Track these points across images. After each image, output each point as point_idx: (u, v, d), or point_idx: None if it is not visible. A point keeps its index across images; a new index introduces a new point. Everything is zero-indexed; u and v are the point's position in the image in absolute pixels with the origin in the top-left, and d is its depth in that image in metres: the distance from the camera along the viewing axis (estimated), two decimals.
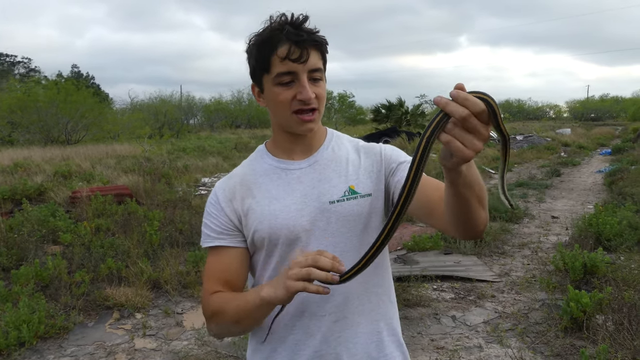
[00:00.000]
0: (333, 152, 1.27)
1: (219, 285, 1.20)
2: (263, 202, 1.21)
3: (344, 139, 1.33)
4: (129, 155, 16.00)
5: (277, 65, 1.11)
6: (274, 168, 1.25)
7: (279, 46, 1.10)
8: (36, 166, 12.33)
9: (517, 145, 21.99)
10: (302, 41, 1.10)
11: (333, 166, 1.24)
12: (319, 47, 1.14)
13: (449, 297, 4.65)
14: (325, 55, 1.18)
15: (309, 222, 1.19)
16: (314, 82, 1.15)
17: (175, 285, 4.74)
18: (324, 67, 1.18)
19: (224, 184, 1.27)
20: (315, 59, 1.13)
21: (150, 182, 9.82)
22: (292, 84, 1.13)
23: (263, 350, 1.25)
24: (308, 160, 1.24)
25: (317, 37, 1.13)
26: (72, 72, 51.65)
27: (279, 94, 1.14)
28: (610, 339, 3.42)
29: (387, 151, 1.28)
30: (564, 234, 6.86)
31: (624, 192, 8.85)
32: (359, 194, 1.21)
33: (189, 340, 3.86)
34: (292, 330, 1.21)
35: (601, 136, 28.90)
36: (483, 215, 1.06)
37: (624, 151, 17.90)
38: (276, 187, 1.22)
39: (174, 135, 28.80)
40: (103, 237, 5.81)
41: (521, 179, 12.24)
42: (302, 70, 1.12)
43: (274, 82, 1.14)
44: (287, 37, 1.09)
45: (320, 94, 1.16)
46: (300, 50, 1.10)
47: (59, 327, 3.90)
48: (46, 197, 8.54)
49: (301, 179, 1.23)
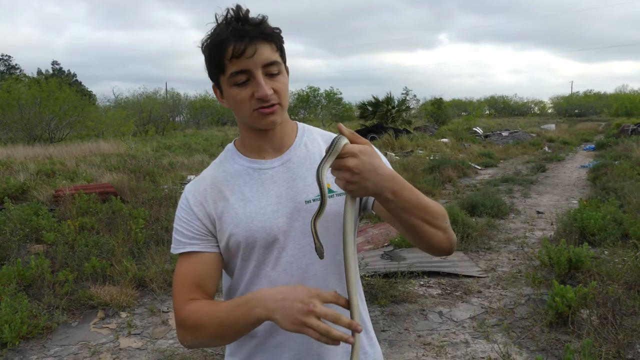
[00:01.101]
0: (306, 148, 1.23)
1: (192, 292, 1.14)
2: (237, 204, 1.17)
3: (315, 133, 1.28)
4: (113, 153, 15.83)
5: (229, 65, 1.07)
6: (245, 168, 1.21)
7: (227, 46, 1.05)
8: (19, 164, 12.14)
9: (503, 141, 22.18)
10: (247, 36, 1.04)
11: (307, 164, 1.20)
12: (270, 39, 1.08)
13: (435, 293, 4.67)
14: (280, 45, 1.11)
15: (285, 223, 1.16)
16: (271, 77, 1.09)
17: (160, 284, 4.70)
18: (283, 58, 1.13)
19: (194, 187, 1.22)
20: (267, 52, 1.07)
21: (135, 180, 9.72)
22: (248, 82, 1.08)
23: (242, 352, 1.23)
24: (280, 159, 1.20)
25: (265, 28, 1.07)
26: (54, 69, 50.87)
27: (236, 94, 1.10)
28: (595, 333, 3.46)
29: None
30: (549, 229, 6.93)
31: (608, 187, 8.98)
32: (334, 192, 1.18)
33: (175, 339, 3.82)
34: (272, 334, 1.19)
35: (585, 132, 29.30)
36: (438, 236, 1.09)
37: (608, 147, 18.16)
38: (249, 189, 1.18)
39: (159, 132, 28.56)
40: (87, 235, 5.73)
41: (507, 175, 12.34)
42: (254, 67, 1.06)
43: (229, 82, 1.10)
44: (232, 35, 1.04)
45: (279, 88, 1.11)
46: (246, 45, 1.04)
47: (42, 327, 3.84)
48: (29, 196, 8.41)
49: (274, 178, 1.19)
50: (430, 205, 1.06)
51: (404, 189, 1.02)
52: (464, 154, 16.94)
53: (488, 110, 60.36)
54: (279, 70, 1.10)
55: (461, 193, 9.80)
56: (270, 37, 1.08)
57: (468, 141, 20.83)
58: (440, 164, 12.46)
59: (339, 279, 1.19)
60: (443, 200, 9.06)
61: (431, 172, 11.85)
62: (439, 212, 1.08)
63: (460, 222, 6.31)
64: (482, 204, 7.75)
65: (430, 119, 32.78)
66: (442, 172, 11.66)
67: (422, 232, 1.07)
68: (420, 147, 18.50)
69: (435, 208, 1.07)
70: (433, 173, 11.71)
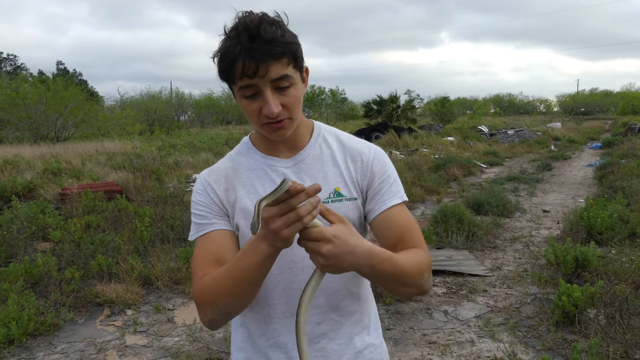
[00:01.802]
0: (320, 149, 1.23)
1: (209, 267, 1.12)
2: (247, 198, 1.18)
3: (331, 134, 1.27)
4: (119, 152, 15.88)
5: (238, 80, 1.06)
6: (259, 164, 1.22)
7: (236, 62, 1.03)
8: (26, 163, 12.19)
9: (508, 139, 22.09)
10: (258, 55, 1.02)
11: (319, 166, 1.21)
12: (281, 57, 1.04)
13: (441, 291, 4.66)
14: (294, 57, 1.08)
15: None
16: (280, 91, 1.07)
17: (166, 282, 4.71)
18: (297, 66, 1.10)
19: (209, 174, 1.23)
20: (276, 68, 1.04)
21: (140, 178, 9.75)
22: (257, 95, 1.07)
23: (247, 349, 1.24)
24: (294, 159, 1.21)
25: (276, 46, 1.02)
26: (58, 69, 51.12)
27: (246, 106, 1.09)
28: (602, 333, 3.44)
29: (376, 166, 1.23)
30: (555, 227, 6.89)
31: (615, 186, 8.92)
32: (344, 197, 1.19)
33: (180, 336, 3.83)
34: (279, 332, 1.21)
35: (591, 130, 29.13)
36: (409, 292, 1.13)
37: (614, 145, 18.04)
38: (261, 184, 1.19)
39: (164, 131, 28.64)
40: (93, 233, 5.75)
41: (512, 173, 12.29)
42: (263, 84, 1.05)
43: (239, 94, 1.09)
44: (242, 53, 1.02)
45: (289, 102, 1.09)
46: (256, 64, 1.02)
47: (49, 324, 3.86)
48: (36, 194, 8.45)
49: (286, 177, 1.19)
50: (406, 269, 1.07)
51: (381, 262, 1.02)
52: (469, 152, 16.89)
53: (493, 108, 60.17)
54: (290, 83, 1.08)
55: (466, 191, 9.77)
56: (282, 55, 1.04)
57: (473, 140, 20.76)
58: (446, 163, 12.43)
59: (345, 282, 1.21)
60: (448, 199, 9.04)
61: (436, 171, 11.82)
62: (415, 273, 1.09)
63: (466, 221, 6.29)
64: (487, 203, 7.72)
65: (435, 118, 32.69)
66: (447, 170, 11.63)
67: (394, 291, 1.12)
68: (425, 146, 18.46)
69: (411, 271, 1.08)
70: (438, 171, 11.69)
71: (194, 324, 4.01)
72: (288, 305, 1.18)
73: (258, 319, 1.21)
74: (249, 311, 1.22)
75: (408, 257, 1.09)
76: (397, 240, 1.17)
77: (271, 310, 1.19)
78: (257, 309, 1.21)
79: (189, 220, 6.64)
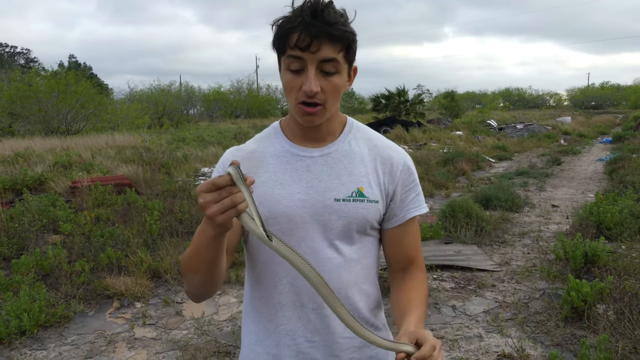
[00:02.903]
0: (350, 146, 1.22)
1: None
2: (267, 184, 1.18)
3: (363, 133, 1.26)
4: (128, 145, 15.96)
5: (289, 50, 1.08)
6: (285, 151, 1.21)
7: (292, 32, 1.06)
8: (37, 156, 12.31)
9: (517, 133, 21.93)
10: (315, 32, 1.04)
11: (346, 162, 1.20)
12: (336, 40, 1.06)
13: (449, 286, 4.65)
14: (348, 47, 1.09)
15: (309, 215, 1.16)
16: (325, 74, 1.08)
17: (174, 275, 4.74)
18: (348, 60, 1.11)
19: (234, 152, 1.25)
20: (328, 50, 1.06)
21: (149, 172, 9.81)
22: (302, 72, 1.08)
23: (268, 340, 1.25)
24: (321, 150, 1.20)
25: (335, 29, 1.05)
26: (70, 62, 51.44)
27: (288, 80, 1.10)
28: (611, 329, 3.42)
29: (405, 174, 1.22)
30: (565, 222, 6.85)
31: (625, 181, 8.83)
32: (366, 198, 1.18)
33: (189, 329, 3.87)
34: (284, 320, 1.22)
35: (602, 124, 28.84)
36: None
37: (625, 139, 17.86)
38: (283, 172, 1.19)
39: (173, 125, 28.74)
40: (103, 226, 5.80)
41: (521, 168, 12.21)
42: (310, 60, 1.06)
43: (285, 65, 1.10)
44: (301, 25, 1.04)
45: (330, 88, 1.09)
46: (310, 39, 1.04)
47: (60, 316, 3.90)
48: (46, 187, 8.53)
49: (310, 168, 1.19)
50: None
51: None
52: (478, 146, 16.80)
53: (502, 102, 59.70)
54: (336, 70, 1.09)
55: (475, 186, 9.72)
56: (338, 38, 1.06)
57: (482, 134, 20.64)
58: (454, 157, 12.38)
59: (354, 281, 1.21)
60: (456, 194, 9.01)
61: (445, 165, 11.77)
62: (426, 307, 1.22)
63: (474, 216, 6.27)
64: (496, 197, 7.68)
65: (444, 112, 32.52)
66: (455, 165, 11.58)
67: None
68: (433, 140, 18.38)
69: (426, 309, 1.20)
70: (447, 166, 11.64)
71: (202, 318, 4.04)
72: (298, 295, 1.19)
73: (269, 304, 1.22)
74: (259, 298, 1.23)
75: (422, 301, 1.20)
76: (409, 262, 1.25)
77: (282, 299, 1.20)
78: (268, 296, 1.21)
79: (197, 214, 6.66)
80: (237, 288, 4.64)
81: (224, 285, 4.64)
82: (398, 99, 27.62)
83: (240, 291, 4.57)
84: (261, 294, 1.22)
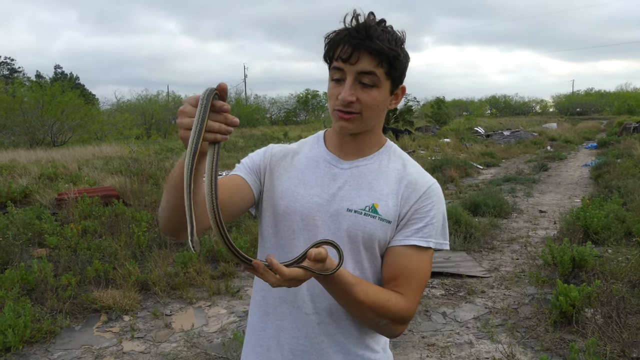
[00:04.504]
0: (379, 165, 1.24)
1: None
2: (292, 181, 1.25)
3: (398, 156, 1.28)
4: (116, 156, 15.85)
5: (333, 61, 1.14)
6: (319, 157, 1.27)
7: (338, 45, 1.12)
8: (22, 168, 12.15)
9: (504, 140, 22.14)
10: (357, 44, 1.10)
11: (370, 178, 1.23)
12: (375, 54, 1.10)
13: (439, 293, 4.66)
14: (390, 65, 1.12)
15: (321, 220, 1.20)
16: (363, 86, 1.13)
17: (163, 287, 4.69)
18: (390, 77, 1.14)
19: (278, 147, 1.33)
20: (366, 62, 1.10)
21: (137, 183, 9.73)
22: (342, 82, 1.14)
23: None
24: (351, 163, 1.24)
25: (376, 43, 1.09)
26: (56, 73, 51.06)
27: (330, 88, 1.17)
28: (600, 332, 3.44)
29: (422, 202, 1.21)
30: (552, 228, 6.91)
31: (610, 185, 8.95)
32: (378, 215, 1.19)
33: (178, 342, 3.82)
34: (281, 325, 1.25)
35: (587, 130, 29.25)
36: (361, 321, 1.19)
37: (610, 144, 18.12)
38: (310, 174, 1.25)
39: (161, 135, 28.60)
40: (90, 239, 5.73)
41: (509, 174, 12.32)
42: (349, 71, 1.12)
43: (330, 75, 1.17)
44: (346, 38, 1.11)
45: (365, 100, 1.13)
46: (351, 51, 1.10)
47: (45, 331, 3.83)
48: (32, 200, 8.41)
49: (336, 177, 1.23)
50: (361, 298, 1.10)
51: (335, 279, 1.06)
52: (466, 153, 16.92)
53: (490, 109, 60.28)
54: (373, 83, 1.13)
55: (463, 193, 9.78)
56: (377, 52, 1.10)
57: (470, 141, 20.80)
58: (443, 164, 12.45)
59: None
60: (445, 201, 9.04)
61: (433, 172, 11.82)
62: (368, 306, 1.11)
63: (463, 222, 6.30)
64: (484, 204, 7.73)
65: (431, 120, 32.75)
66: (444, 172, 11.65)
67: (367, 324, 1.20)
68: (422, 147, 18.48)
69: (365, 302, 1.10)
70: (435, 173, 11.69)
71: (192, 330, 4.00)
72: (296, 296, 1.22)
73: (268, 297, 1.27)
74: (261, 288, 1.29)
75: (375, 291, 1.13)
76: (391, 279, 1.18)
77: (282, 293, 1.23)
78: (268, 288, 1.25)
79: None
80: (226, 299, 4.60)
81: (214, 297, 4.61)
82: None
83: (230, 302, 4.54)
84: (263, 283, 1.25)
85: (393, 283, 1.16)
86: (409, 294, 1.15)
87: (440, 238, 1.21)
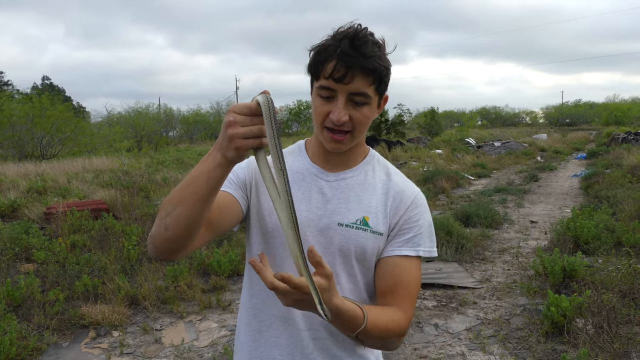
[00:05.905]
0: (365, 176, 1.24)
1: None
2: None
3: (382, 166, 1.28)
4: (106, 169, 15.75)
5: (322, 78, 1.10)
6: (304, 169, 1.25)
7: (328, 61, 1.08)
8: (9, 182, 12.03)
9: (495, 151, 22.28)
10: (350, 64, 1.06)
11: (358, 191, 1.22)
12: (369, 74, 1.08)
13: (431, 305, 4.64)
14: (381, 81, 1.11)
15: (312, 235, 1.18)
16: (354, 105, 1.11)
17: (153, 301, 4.64)
18: (379, 92, 1.14)
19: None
20: (360, 83, 1.08)
21: (128, 196, 9.66)
22: (331, 99, 1.11)
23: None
24: (337, 175, 1.23)
25: (370, 62, 1.07)
26: (44, 85, 50.90)
27: (317, 105, 1.13)
28: (591, 343, 3.44)
29: (410, 211, 1.22)
30: (543, 238, 6.93)
31: (600, 196, 9.01)
32: (370, 228, 1.19)
33: (168, 357, 3.77)
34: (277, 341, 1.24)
35: (576, 141, 29.51)
36: (368, 345, 1.18)
37: (599, 155, 18.28)
38: (297, 188, 1.21)
39: (152, 147, 28.50)
40: (79, 253, 5.66)
41: (500, 185, 12.38)
42: (341, 91, 1.09)
43: (316, 91, 1.13)
44: (338, 56, 1.07)
45: (358, 118, 1.12)
46: (345, 71, 1.07)
47: (32, 348, 3.76)
48: (20, 214, 8.32)
49: (323, 190, 1.22)
50: (369, 330, 1.08)
51: (349, 319, 1.04)
52: (458, 164, 17.00)
53: (480, 121, 60.76)
54: (365, 102, 1.11)
55: (455, 204, 9.81)
56: (371, 72, 1.08)
57: (461, 152, 20.91)
58: (434, 175, 12.49)
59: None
60: (437, 212, 9.06)
61: (425, 183, 11.86)
62: (377, 333, 1.10)
63: (455, 233, 6.30)
64: (476, 215, 7.75)
65: (423, 131, 32.90)
66: (435, 183, 11.68)
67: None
68: (414, 159, 18.55)
69: (373, 331, 1.08)
70: (427, 184, 11.73)
71: (182, 345, 3.95)
72: (290, 311, 1.21)
73: (260, 315, 1.25)
74: (254, 305, 1.26)
75: (378, 315, 1.10)
76: (387, 292, 1.18)
77: (275, 311, 1.22)
78: (261, 304, 1.25)
79: None
80: (217, 313, 4.55)
81: (205, 310, 4.56)
82: (379, 119, 27.87)
83: (221, 316, 4.49)
84: (253, 302, 1.26)
85: (390, 295, 1.18)
86: (405, 305, 1.17)
87: (428, 245, 1.23)
